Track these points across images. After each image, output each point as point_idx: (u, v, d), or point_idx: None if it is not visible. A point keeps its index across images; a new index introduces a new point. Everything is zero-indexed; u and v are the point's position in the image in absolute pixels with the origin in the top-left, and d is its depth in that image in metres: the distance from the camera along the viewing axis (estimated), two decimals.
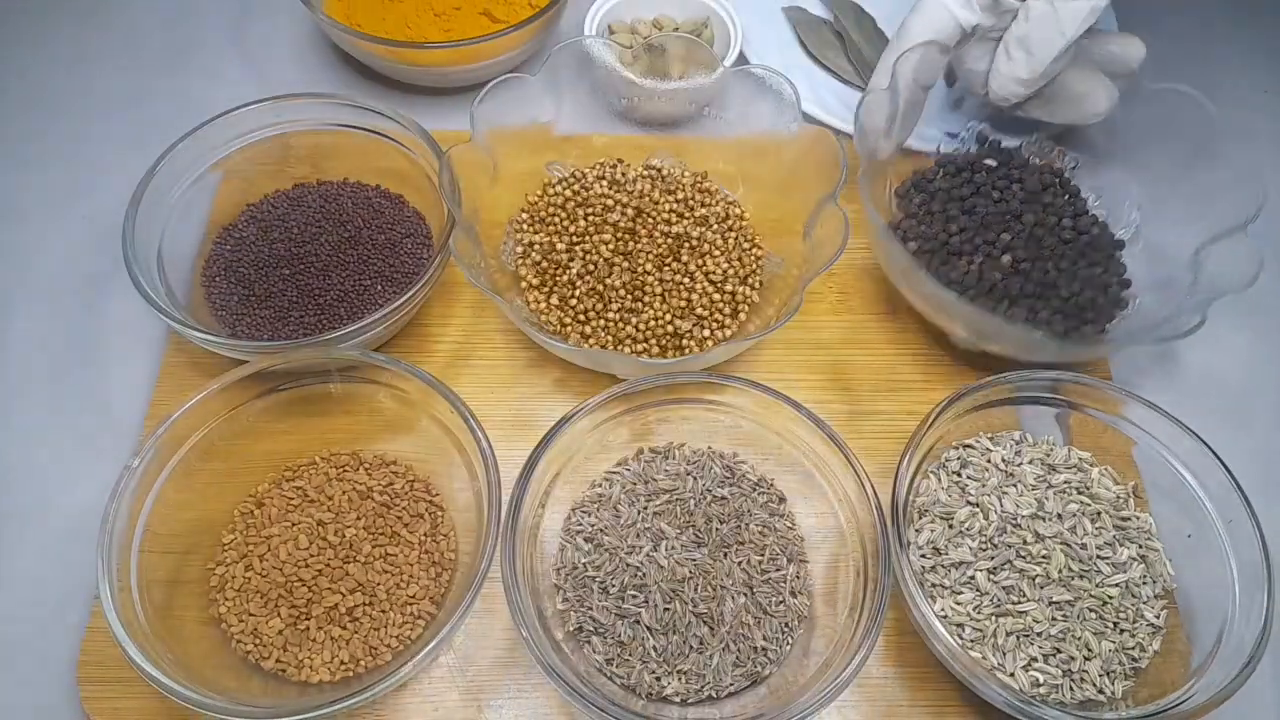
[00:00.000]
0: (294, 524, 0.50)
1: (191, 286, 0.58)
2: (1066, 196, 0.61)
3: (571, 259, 0.58)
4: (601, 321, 0.56)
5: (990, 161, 0.62)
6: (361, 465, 0.53)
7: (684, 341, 0.56)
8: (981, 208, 0.59)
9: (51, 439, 0.56)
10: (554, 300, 0.57)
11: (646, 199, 0.61)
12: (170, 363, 0.57)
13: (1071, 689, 0.46)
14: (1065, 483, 0.51)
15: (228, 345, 0.52)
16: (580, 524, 0.51)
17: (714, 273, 0.58)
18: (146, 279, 0.53)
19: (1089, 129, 0.61)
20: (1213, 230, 0.55)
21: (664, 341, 0.56)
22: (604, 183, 0.61)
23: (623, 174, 0.62)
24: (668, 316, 0.56)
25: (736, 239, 0.60)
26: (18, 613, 0.51)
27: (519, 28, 0.65)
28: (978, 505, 0.50)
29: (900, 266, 0.55)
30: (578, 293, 0.57)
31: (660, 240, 0.59)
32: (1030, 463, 0.52)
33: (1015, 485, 0.51)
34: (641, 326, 0.56)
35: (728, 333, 0.57)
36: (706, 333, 0.56)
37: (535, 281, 0.58)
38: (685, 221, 0.60)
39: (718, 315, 0.57)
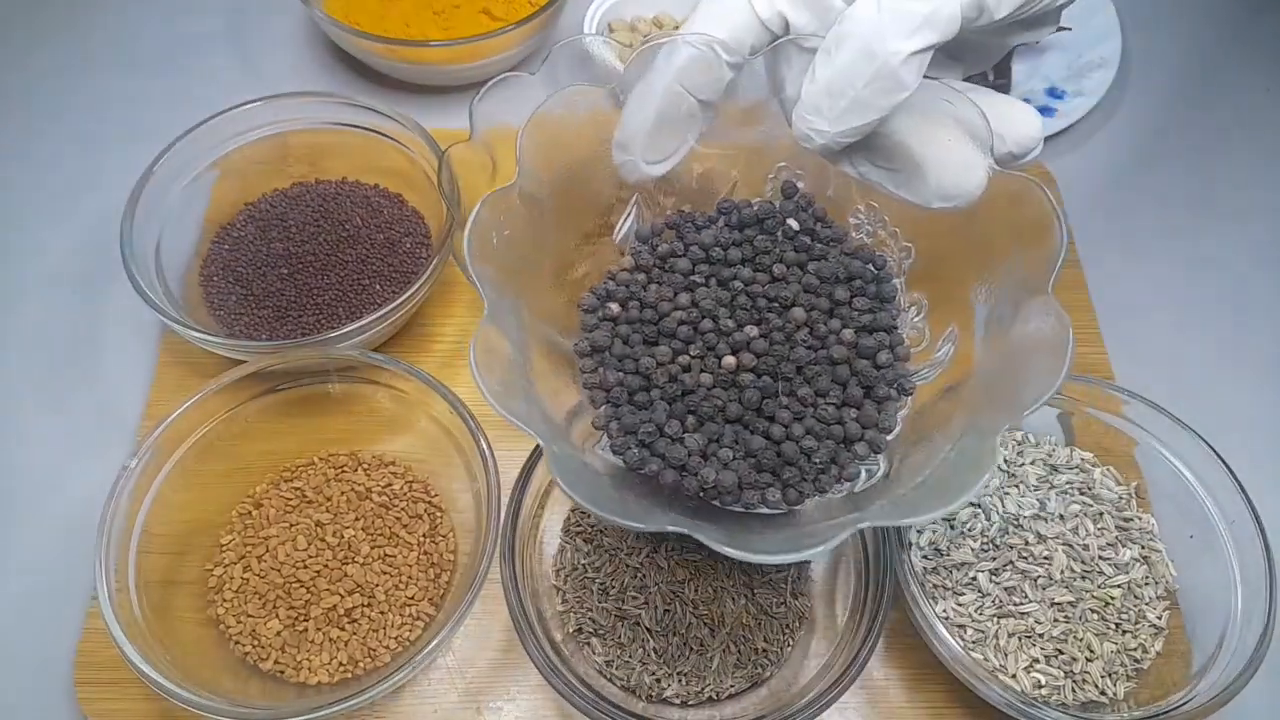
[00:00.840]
0: (292, 525, 0.50)
1: (189, 286, 0.57)
2: (876, 298, 0.42)
3: None
4: None
5: (793, 223, 0.43)
6: (360, 466, 0.52)
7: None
8: (743, 282, 0.41)
9: (49, 439, 0.56)
10: None
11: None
12: (168, 362, 0.57)
13: (1073, 690, 0.46)
14: (1067, 483, 0.51)
15: (226, 345, 0.52)
16: (580, 524, 0.51)
17: None
18: (144, 278, 0.52)
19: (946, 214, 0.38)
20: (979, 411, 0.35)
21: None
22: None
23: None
24: None
25: None
26: (15, 613, 0.50)
27: (518, 26, 0.65)
28: (979, 506, 0.50)
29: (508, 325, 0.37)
30: None
31: None
32: (1032, 463, 0.52)
33: (1017, 486, 0.51)
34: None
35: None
36: None
37: None
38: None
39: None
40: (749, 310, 0.40)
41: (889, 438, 0.39)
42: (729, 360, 0.39)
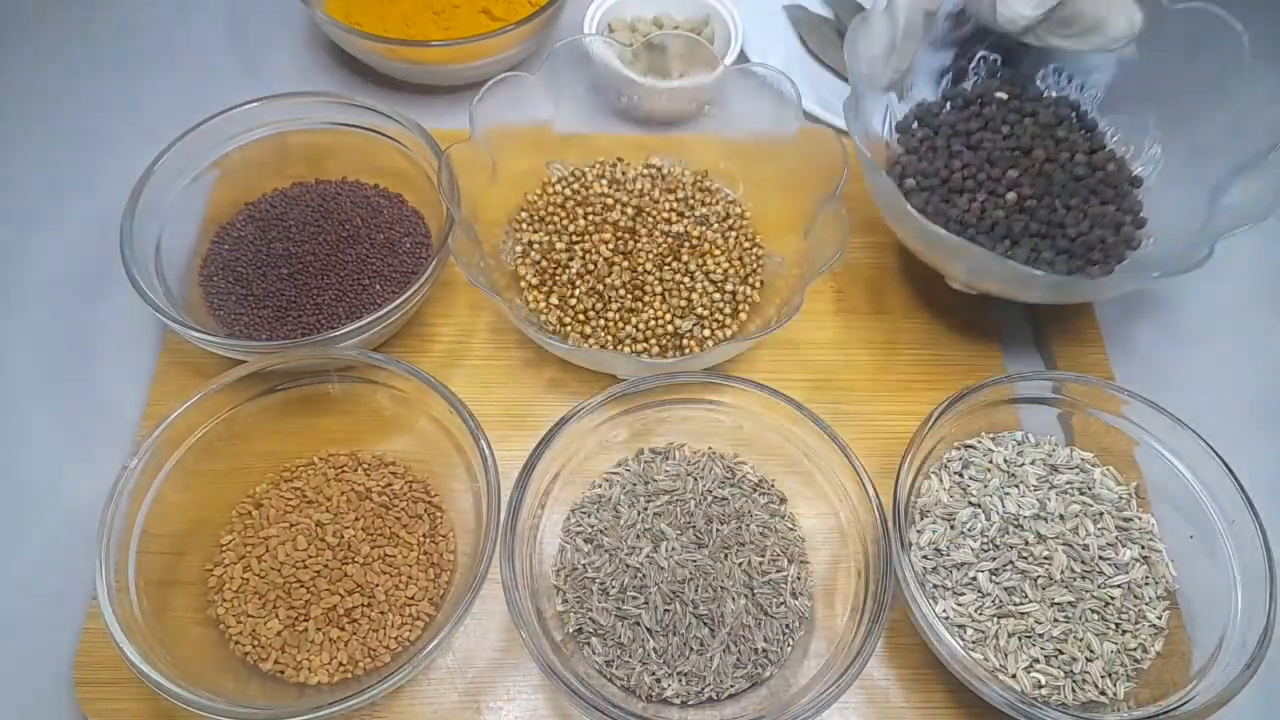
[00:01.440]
0: (292, 525, 0.50)
1: (189, 286, 0.57)
2: (1083, 131, 0.59)
3: (571, 258, 0.58)
4: (601, 321, 0.56)
5: (1001, 94, 0.60)
6: (360, 466, 0.52)
7: (684, 341, 0.56)
8: (989, 143, 0.57)
9: (49, 439, 0.56)
10: (553, 300, 0.57)
11: (646, 198, 0.60)
12: (168, 362, 0.57)
13: (1073, 690, 0.46)
14: (1067, 483, 0.51)
15: (226, 345, 0.52)
16: (580, 525, 0.51)
17: (714, 272, 0.57)
18: (144, 278, 0.52)
19: (1108, 58, 0.58)
20: (1236, 160, 0.52)
21: (664, 341, 0.56)
22: (604, 182, 0.61)
23: (622, 173, 0.62)
24: (668, 316, 0.56)
25: (737, 238, 0.60)
26: (15, 614, 0.50)
27: (518, 26, 0.65)
28: (979, 506, 0.50)
29: (892, 205, 0.53)
30: (577, 292, 0.56)
31: (660, 239, 0.58)
32: (1032, 463, 0.52)
33: (1017, 486, 0.51)
34: (641, 326, 0.55)
35: (728, 332, 0.57)
36: (707, 332, 0.56)
37: (535, 281, 0.57)
38: (685, 220, 0.59)
39: (718, 315, 0.57)
40: (1003, 161, 0.56)
41: (1144, 214, 0.56)
42: (1011, 195, 0.55)
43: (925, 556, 0.49)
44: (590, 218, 0.59)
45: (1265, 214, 0.49)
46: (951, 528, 0.49)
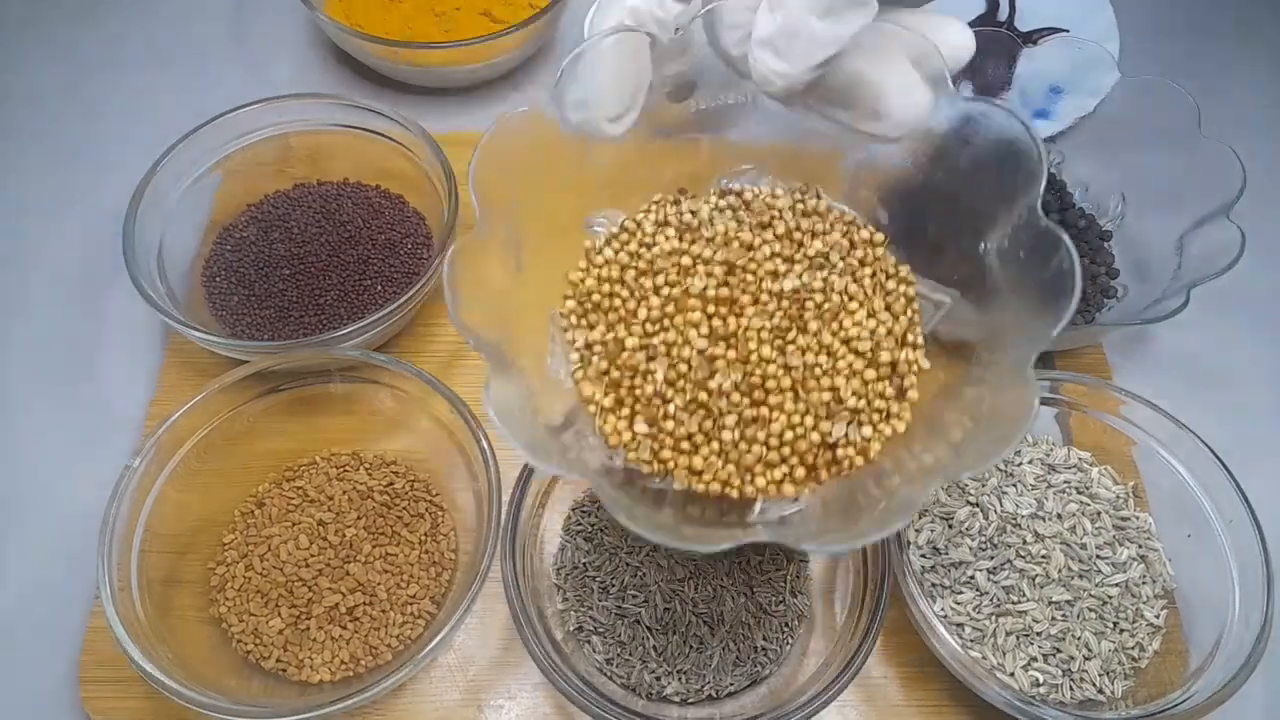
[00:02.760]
0: (294, 524, 0.50)
1: (192, 287, 0.58)
2: (1054, 191, 0.62)
3: (651, 359, 0.39)
4: (715, 445, 0.38)
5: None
6: (362, 465, 0.53)
7: (838, 452, 0.38)
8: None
9: (52, 439, 0.56)
10: (639, 426, 0.38)
11: (736, 244, 0.41)
12: (170, 363, 0.57)
13: (1071, 689, 0.46)
14: (1065, 482, 0.51)
15: (228, 345, 0.52)
16: (580, 523, 0.51)
17: (858, 339, 0.39)
18: (147, 279, 0.53)
19: (1079, 124, 0.61)
20: (1195, 216, 0.56)
21: (808, 457, 0.38)
22: (669, 230, 0.41)
23: (692, 212, 0.42)
24: (809, 421, 0.38)
25: (875, 276, 0.40)
26: (18, 613, 0.51)
27: (519, 28, 0.65)
28: (977, 505, 0.50)
29: None
30: (672, 408, 0.38)
31: (771, 305, 0.39)
32: (1030, 462, 0.52)
33: (1015, 485, 0.51)
34: (773, 442, 0.38)
35: (899, 425, 0.39)
36: (866, 431, 0.38)
37: (609, 403, 0.39)
38: (798, 267, 0.40)
39: (877, 402, 0.39)
40: None
41: (1116, 266, 0.58)
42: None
43: (923, 555, 0.49)
44: (665, 292, 0.40)
45: (1229, 267, 0.52)
46: (949, 526, 0.50)
